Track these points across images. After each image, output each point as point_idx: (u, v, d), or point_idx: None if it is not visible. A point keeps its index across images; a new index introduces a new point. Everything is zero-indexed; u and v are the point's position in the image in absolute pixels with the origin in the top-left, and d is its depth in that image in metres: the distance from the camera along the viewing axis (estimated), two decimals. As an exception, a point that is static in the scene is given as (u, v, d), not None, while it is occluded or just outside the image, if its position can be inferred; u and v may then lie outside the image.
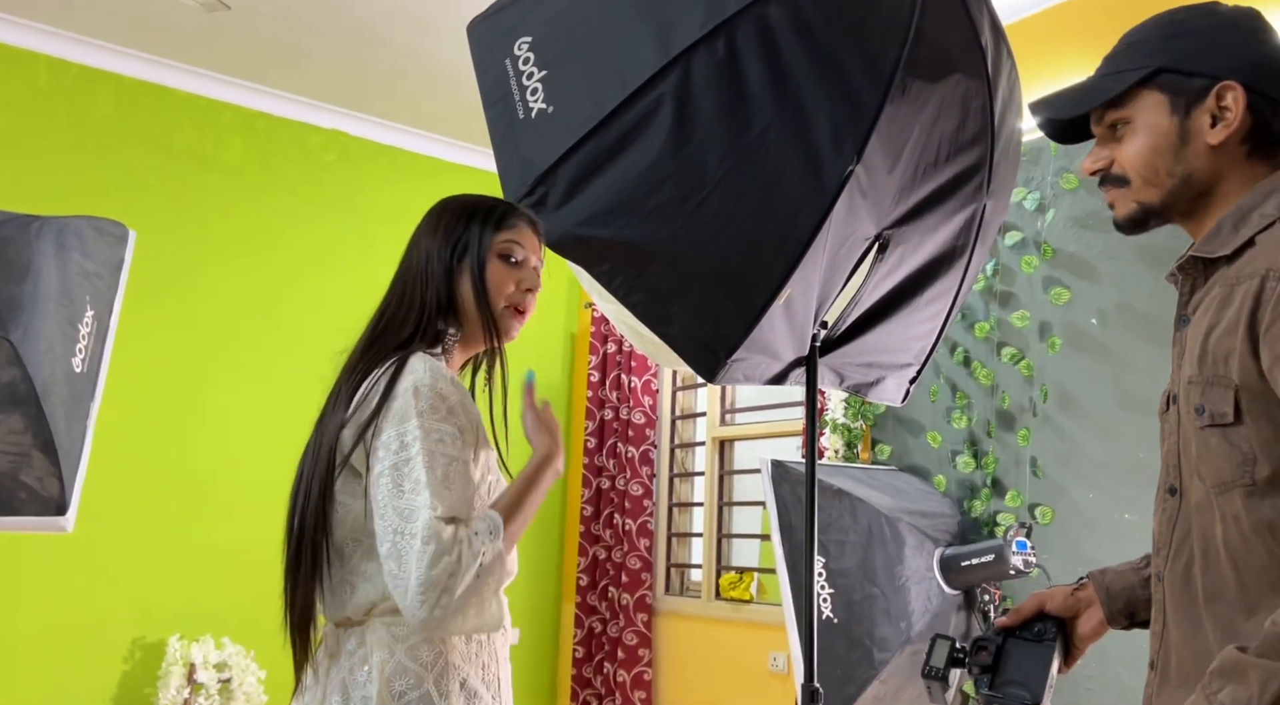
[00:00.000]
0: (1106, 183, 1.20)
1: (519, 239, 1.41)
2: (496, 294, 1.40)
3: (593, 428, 4.17)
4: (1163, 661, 1.14)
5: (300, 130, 3.92)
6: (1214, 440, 1.06)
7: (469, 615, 1.23)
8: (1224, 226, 1.13)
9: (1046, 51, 2.79)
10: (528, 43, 1.38)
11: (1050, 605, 1.29)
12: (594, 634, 4.05)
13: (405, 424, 1.26)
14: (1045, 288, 2.69)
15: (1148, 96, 1.16)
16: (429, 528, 1.20)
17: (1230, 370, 1.05)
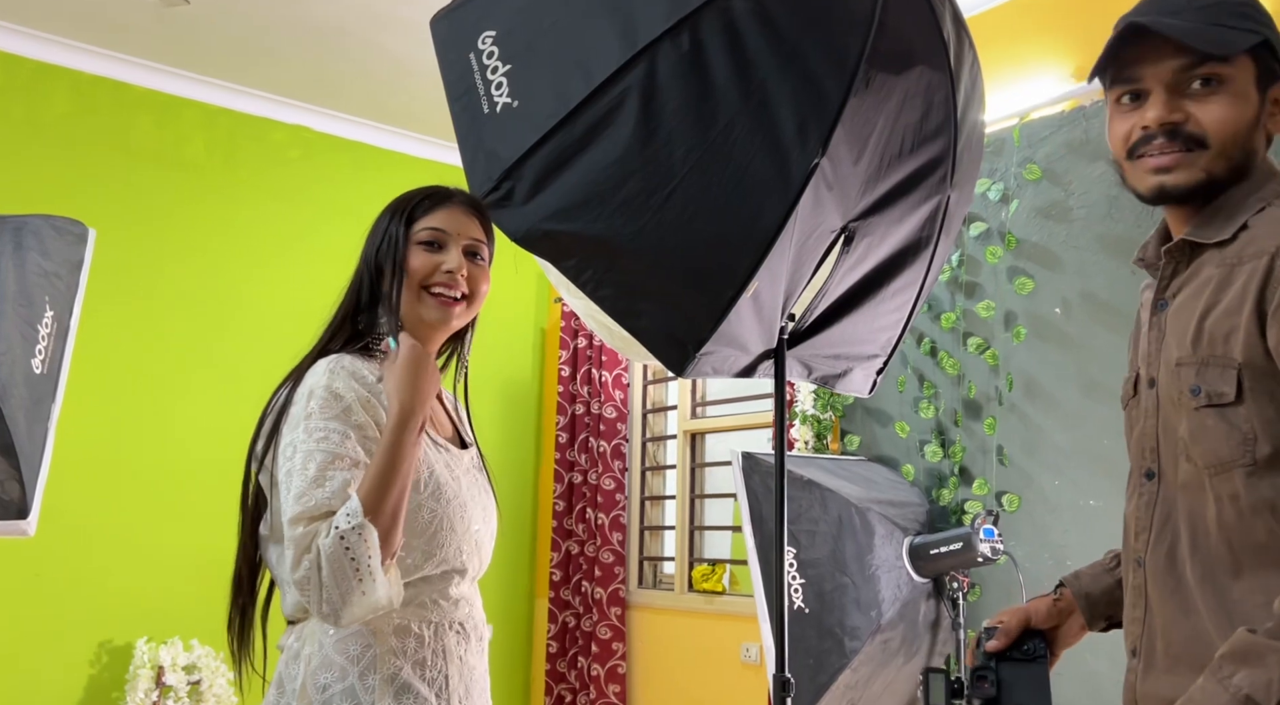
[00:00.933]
0: (1173, 138, 1.10)
1: (440, 224, 1.41)
2: (411, 280, 1.39)
3: (564, 423, 4.17)
4: (1146, 647, 1.13)
5: (263, 126, 3.88)
6: (1211, 421, 1.05)
7: (359, 600, 1.19)
8: (1221, 211, 1.12)
9: (1008, 44, 2.82)
10: (492, 37, 1.37)
11: (1036, 619, 1.28)
12: (568, 629, 4.05)
13: (295, 430, 1.27)
14: (1010, 278, 2.72)
15: (1245, 63, 1.10)
16: (289, 532, 1.20)
17: (1232, 349, 1.04)
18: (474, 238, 1.44)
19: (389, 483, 1.24)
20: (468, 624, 1.39)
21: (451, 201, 1.45)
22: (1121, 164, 1.18)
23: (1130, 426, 1.22)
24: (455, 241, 1.42)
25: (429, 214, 1.43)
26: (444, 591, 1.35)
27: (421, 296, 1.41)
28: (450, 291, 1.41)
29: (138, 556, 3.43)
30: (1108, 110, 1.20)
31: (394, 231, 1.42)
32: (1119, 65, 1.14)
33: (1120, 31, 1.12)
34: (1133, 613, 1.16)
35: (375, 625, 1.28)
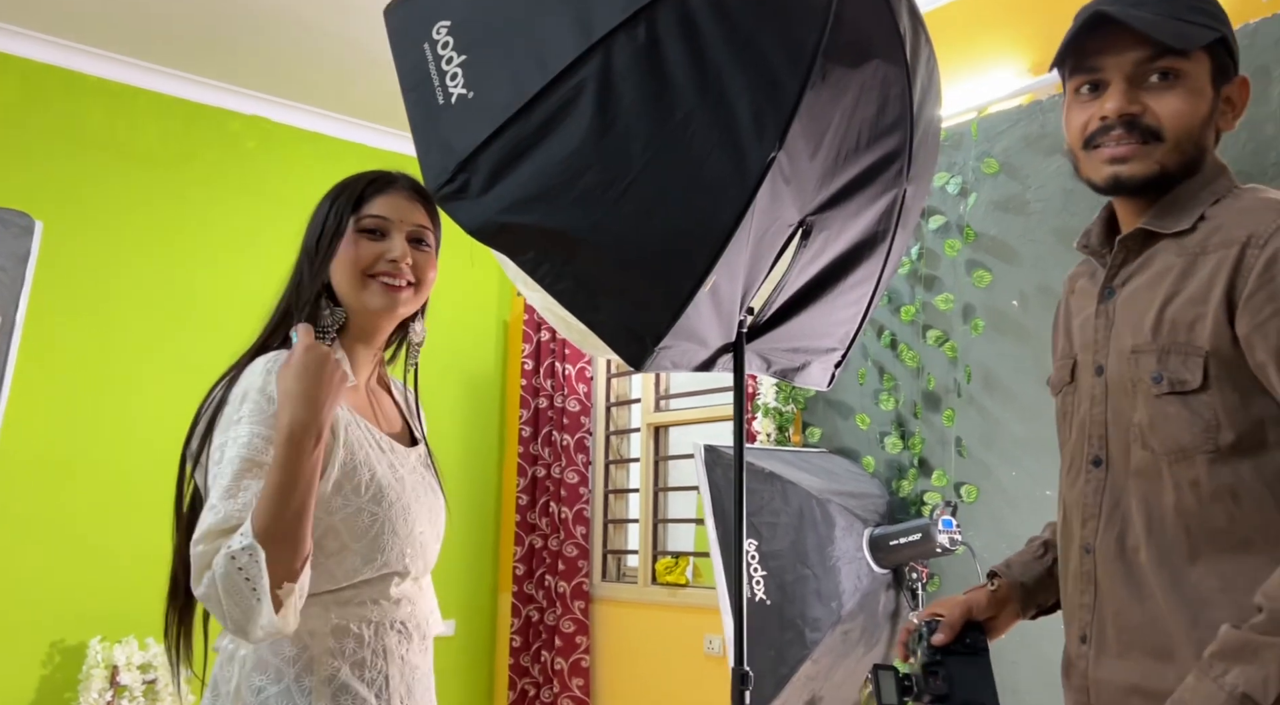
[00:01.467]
0: (1131, 130, 1.11)
1: (382, 211, 1.38)
2: (352, 267, 1.36)
3: (527, 416, 4.15)
4: (1097, 633, 1.14)
5: (219, 116, 3.81)
6: (1172, 408, 1.06)
7: (256, 620, 1.13)
8: (1177, 203, 1.13)
9: (966, 39, 2.84)
10: (446, 27, 1.35)
11: (976, 611, 1.28)
12: (531, 622, 4.04)
13: (225, 434, 1.23)
14: (968, 270, 2.75)
15: (1202, 59, 1.12)
16: (194, 543, 1.16)
17: (1196, 337, 1.05)
18: (418, 224, 1.41)
19: (281, 503, 1.15)
20: (410, 623, 1.35)
21: (394, 187, 1.41)
22: (1077, 154, 1.19)
23: (1066, 413, 1.23)
24: (398, 229, 1.39)
25: (371, 200, 1.39)
26: (384, 591, 1.32)
27: (365, 283, 1.37)
28: (395, 279, 1.38)
29: (90, 555, 3.37)
30: (1065, 100, 1.20)
31: (335, 218, 1.38)
32: (1080, 55, 1.15)
33: (1085, 20, 1.12)
34: (1080, 599, 1.17)
35: (312, 626, 1.25)
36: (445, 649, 4.08)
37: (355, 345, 1.41)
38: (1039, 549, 1.35)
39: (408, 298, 1.40)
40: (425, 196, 1.43)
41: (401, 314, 1.42)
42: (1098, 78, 1.15)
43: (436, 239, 1.46)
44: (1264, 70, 2.20)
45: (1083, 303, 1.25)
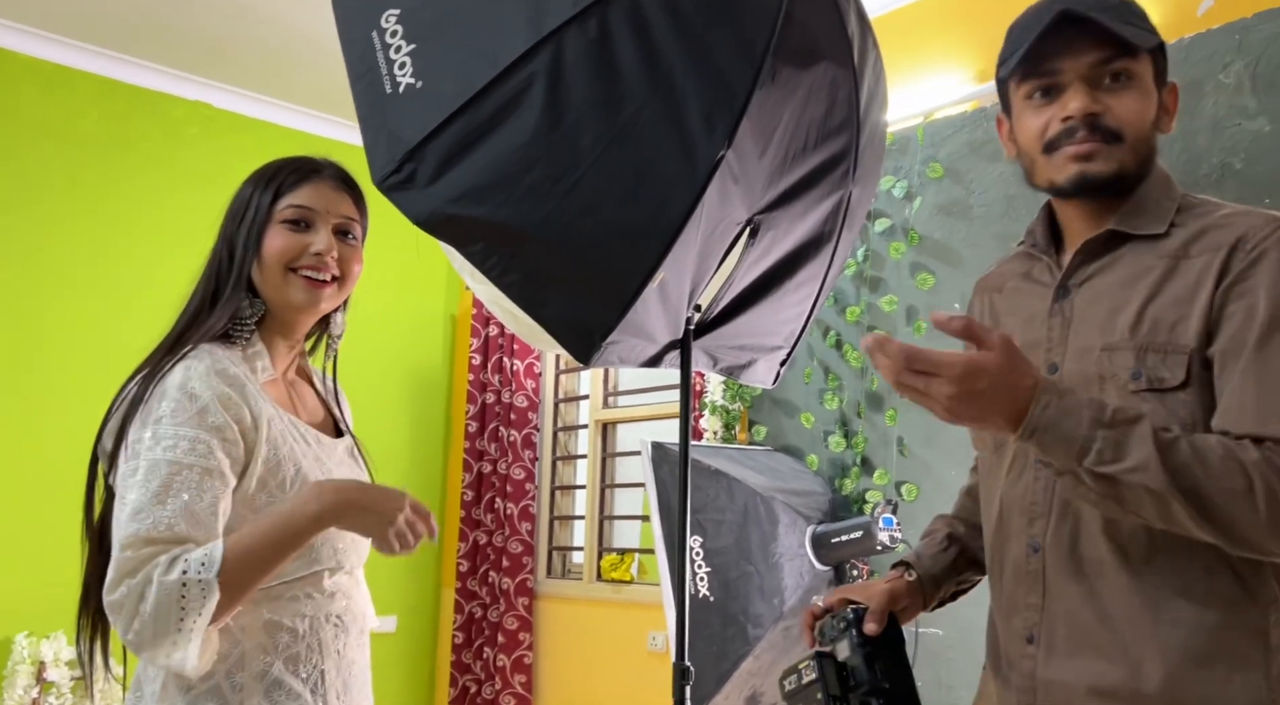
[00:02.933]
0: (1094, 131, 1.12)
1: (307, 201, 1.33)
2: (274, 261, 1.32)
3: (474, 411, 4.12)
4: (1046, 634, 1.14)
5: (161, 101, 3.72)
6: (1149, 405, 1.07)
7: (164, 650, 1.10)
8: (1145, 206, 1.15)
9: (913, 45, 2.89)
10: (395, 15, 1.34)
11: (897, 600, 1.27)
12: (474, 619, 4.02)
13: (143, 431, 1.19)
14: (912, 273, 2.79)
15: (1147, 61, 1.14)
16: (117, 549, 1.12)
17: (1180, 337, 1.07)
18: (345, 215, 1.37)
19: (266, 565, 1.16)
20: (346, 616, 1.32)
21: (320, 176, 1.37)
22: (1034, 158, 1.18)
23: None
24: (324, 220, 1.34)
25: (295, 189, 1.34)
26: (317, 585, 1.29)
27: (288, 277, 1.33)
28: (319, 274, 1.33)
29: (16, 549, 3.27)
30: (1015, 106, 1.20)
31: (256, 206, 1.33)
32: (1035, 58, 1.14)
33: (1051, 20, 1.11)
34: (1026, 599, 1.16)
35: (243, 621, 1.22)
36: (386, 645, 4.03)
37: (274, 337, 1.37)
38: (943, 542, 1.35)
39: (331, 294, 1.36)
40: (352, 186, 1.39)
41: (324, 310, 1.38)
42: (1053, 81, 1.14)
43: (363, 230, 1.42)
44: (1197, 84, 2.27)
45: (1020, 302, 1.26)
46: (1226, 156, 2.22)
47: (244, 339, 1.32)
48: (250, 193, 1.36)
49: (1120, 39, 1.10)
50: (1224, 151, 2.22)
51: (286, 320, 1.36)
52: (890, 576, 1.31)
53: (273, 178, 1.36)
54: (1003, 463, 1.23)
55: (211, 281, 1.35)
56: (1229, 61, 2.25)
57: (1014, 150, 1.23)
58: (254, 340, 1.34)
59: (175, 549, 1.13)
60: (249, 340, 1.33)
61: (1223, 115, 2.24)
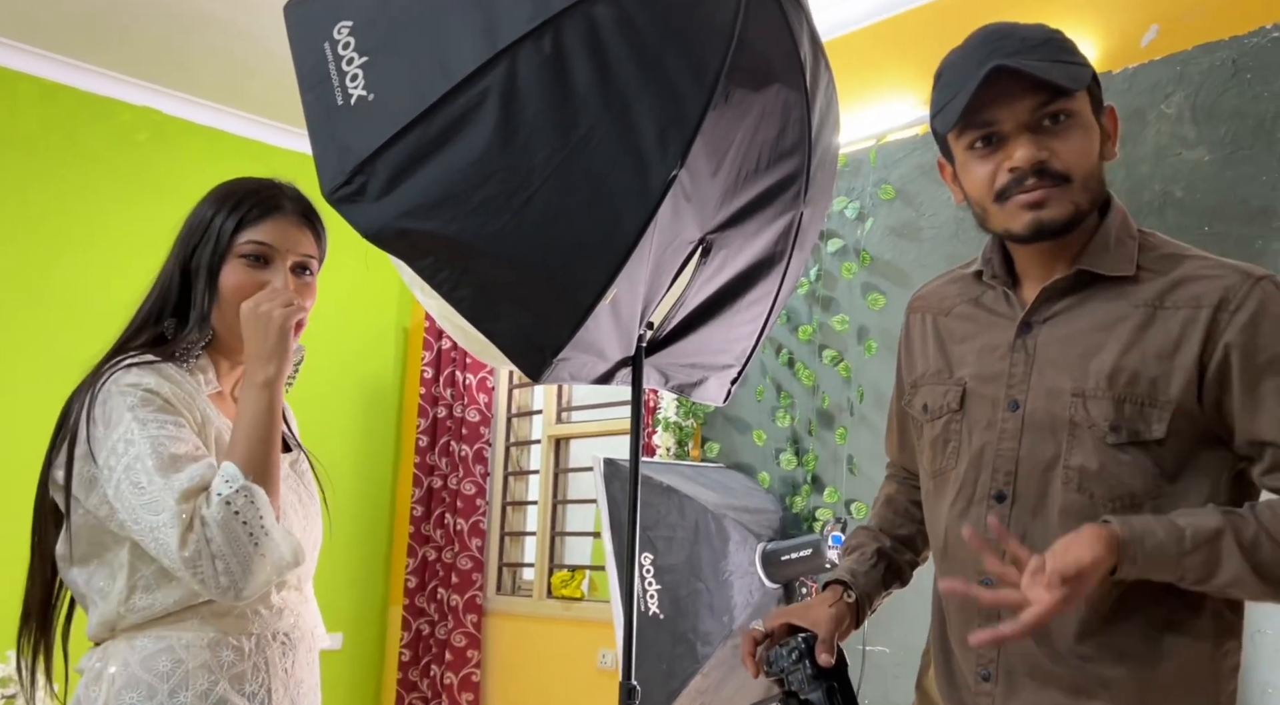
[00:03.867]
0: (1042, 176, 1.10)
1: (268, 238, 1.32)
2: (230, 296, 1.30)
3: (425, 426, 4.08)
4: (1005, 671, 1.13)
5: (108, 106, 3.65)
6: (1128, 456, 1.08)
7: (260, 564, 1.16)
8: (1107, 245, 1.14)
9: (867, 68, 2.93)
10: (348, 27, 1.33)
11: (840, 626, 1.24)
12: (422, 636, 3.97)
13: (119, 426, 1.19)
14: (864, 293, 2.83)
15: (1083, 94, 1.13)
16: (171, 513, 1.14)
17: (1163, 392, 1.08)
18: (304, 253, 1.36)
19: (265, 439, 1.21)
20: (294, 633, 1.31)
21: (282, 211, 1.35)
22: (986, 207, 1.16)
23: (948, 440, 1.21)
24: (283, 258, 1.33)
25: (257, 224, 1.32)
26: (265, 601, 1.28)
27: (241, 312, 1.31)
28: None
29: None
30: (957, 156, 1.18)
31: (216, 234, 1.32)
32: (972, 112, 1.12)
33: (985, 75, 1.09)
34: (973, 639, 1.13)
35: (187, 639, 1.21)
36: (332, 662, 3.96)
37: (220, 359, 1.36)
38: (873, 557, 1.33)
39: None
40: (313, 219, 1.38)
41: None
42: (994, 131, 1.13)
43: (320, 262, 1.41)
44: (1139, 113, 2.33)
45: (970, 328, 1.24)
46: (1168, 185, 2.28)
47: (189, 359, 1.31)
48: (210, 216, 1.34)
49: (1054, 84, 1.10)
50: (1165, 180, 2.29)
51: (234, 347, 1.34)
52: (829, 598, 1.27)
53: (235, 207, 1.33)
54: (944, 492, 1.22)
55: (159, 300, 1.34)
56: (1170, 92, 2.32)
57: (961, 195, 1.21)
58: (202, 360, 1.33)
59: (213, 486, 1.17)
60: (196, 359, 1.32)
61: (1164, 144, 2.30)
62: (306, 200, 1.39)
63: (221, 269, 1.31)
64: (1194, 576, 1.03)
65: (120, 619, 1.23)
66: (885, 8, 2.93)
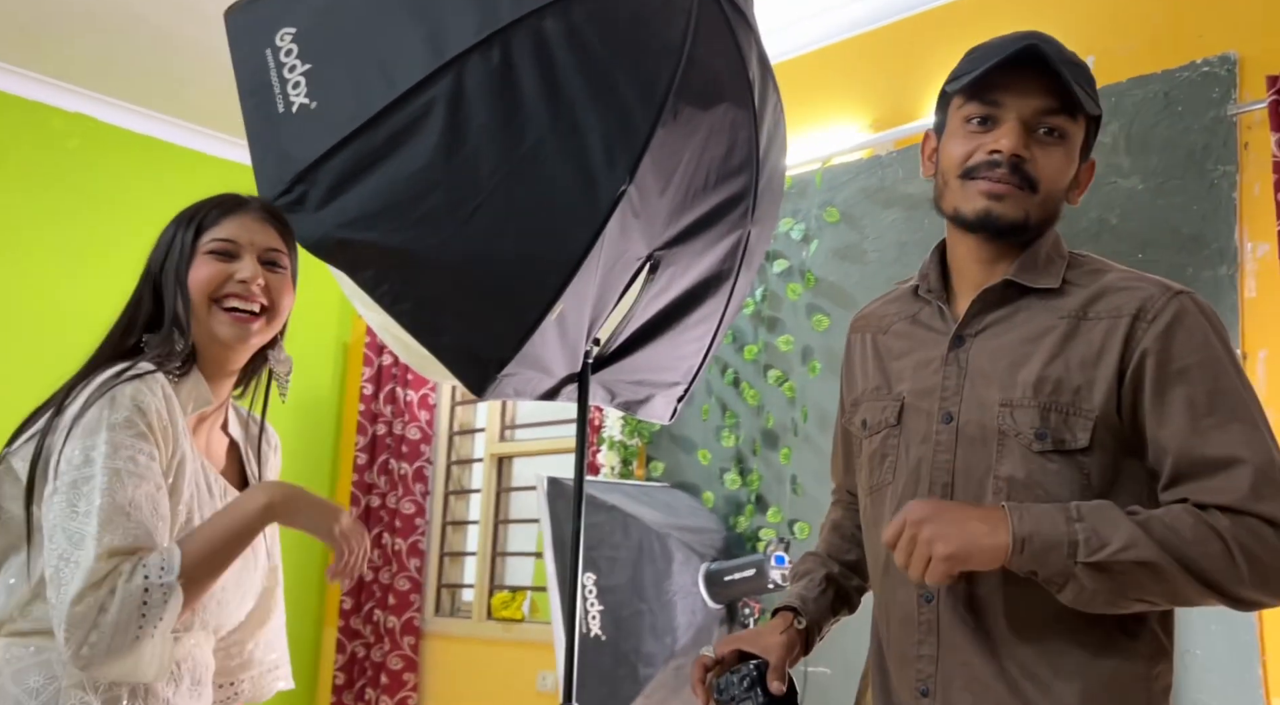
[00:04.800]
0: (1014, 172, 1.12)
1: (230, 234, 1.29)
2: (199, 292, 1.27)
3: (364, 443, 4.00)
4: (943, 686, 1.13)
5: (37, 111, 3.54)
6: (1054, 464, 1.09)
7: (121, 659, 1.10)
8: (1037, 260, 1.17)
9: (813, 91, 2.97)
10: (291, 34, 1.30)
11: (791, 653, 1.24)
12: (356, 659, 3.87)
13: (94, 437, 1.14)
14: (808, 314, 2.85)
15: (1082, 128, 1.16)
16: (89, 559, 1.09)
17: (1086, 401, 1.09)
18: (270, 246, 1.31)
19: (222, 560, 1.18)
20: (185, 664, 1.26)
21: (245, 209, 1.32)
22: (949, 182, 1.18)
23: (885, 455, 1.22)
24: (249, 251, 1.29)
25: (218, 223, 1.29)
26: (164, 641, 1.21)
27: (212, 311, 1.27)
28: (246, 304, 1.28)
29: None
30: (950, 126, 1.19)
31: (180, 243, 1.29)
32: (987, 86, 1.13)
33: (1017, 50, 1.10)
34: (918, 650, 1.15)
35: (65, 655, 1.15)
36: (263, 688, 3.85)
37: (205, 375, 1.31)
38: (821, 583, 1.33)
39: (259, 328, 1.30)
40: (279, 219, 1.35)
41: (254, 345, 1.33)
42: (993, 112, 1.14)
43: (292, 263, 1.37)
44: (1076, 142, 2.39)
45: (909, 346, 1.26)
46: (1103, 212, 2.34)
47: (174, 373, 1.26)
48: (174, 233, 1.31)
49: (1070, 94, 1.12)
50: (1101, 207, 2.34)
51: (215, 358, 1.30)
52: (779, 625, 1.27)
53: (195, 215, 1.31)
54: (883, 508, 1.22)
55: (130, 314, 1.30)
56: (1105, 122, 2.36)
57: (931, 170, 1.23)
58: (191, 372, 1.28)
59: (135, 558, 1.12)
60: (183, 372, 1.27)
61: (1100, 173, 2.33)
62: (270, 203, 1.36)
63: (189, 272, 1.28)
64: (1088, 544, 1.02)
65: (10, 621, 1.18)
66: (833, 33, 2.97)
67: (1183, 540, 1.02)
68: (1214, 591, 1.03)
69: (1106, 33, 2.46)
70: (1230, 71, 2.24)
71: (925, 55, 2.75)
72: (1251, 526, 1.02)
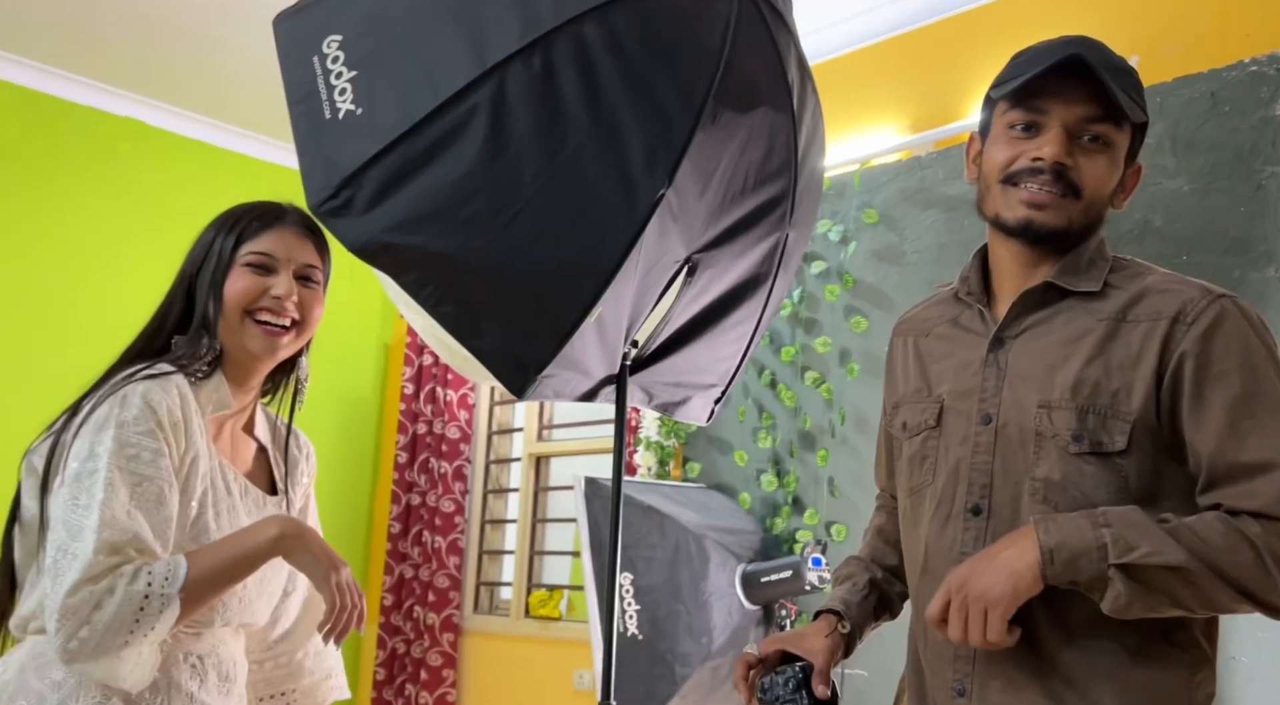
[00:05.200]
0: (1057, 179, 1.13)
1: (269, 248, 1.34)
2: (234, 304, 1.31)
3: (404, 442, 4.06)
4: (979, 686, 1.14)
5: (90, 116, 3.63)
6: (1090, 466, 1.09)
7: (107, 659, 1.10)
8: (1080, 263, 1.17)
9: (852, 92, 2.96)
10: (338, 41, 1.33)
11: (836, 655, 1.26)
12: (397, 655, 3.92)
13: (101, 433, 1.17)
14: (846, 316, 2.84)
15: (1127, 134, 1.17)
16: (87, 551, 1.10)
17: (1123, 403, 1.09)
18: (306, 263, 1.37)
19: (226, 582, 1.20)
20: (209, 659, 1.27)
21: (283, 222, 1.37)
22: (990, 186, 1.19)
23: (925, 457, 1.23)
24: (285, 266, 1.35)
25: (258, 236, 1.34)
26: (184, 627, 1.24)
27: (245, 323, 1.32)
28: (278, 319, 1.33)
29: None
30: (994, 130, 1.20)
31: (219, 251, 1.33)
32: (1031, 92, 1.14)
33: (1061, 59, 1.11)
34: (957, 651, 1.15)
35: None
36: (305, 682, 3.91)
37: (231, 380, 1.35)
38: (865, 588, 1.34)
39: (289, 341, 1.36)
40: (316, 232, 1.39)
41: (281, 357, 1.38)
42: (1037, 119, 1.14)
43: (325, 276, 1.42)
44: (1119, 143, 2.36)
45: (948, 347, 1.26)
46: (1147, 214, 2.31)
47: (197, 375, 1.30)
48: (212, 238, 1.35)
49: (1114, 102, 1.12)
50: (1145, 209, 2.31)
51: (242, 365, 1.34)
52: (824, 627, 1.28)
53: (236, 223, 1.35)
54: (922, 509, 1.23)
55: (161, 318, 1.34)
56: (1151, 123, 2.35)
57: (975, 173, 1.24)
58: (214, 375, 1.32)
59: (139, 560, 1.13)
60: (206, 374, 1.30)
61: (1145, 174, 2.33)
62: (308, 215, 1.39)
63: (225, 281, 1.32)
64: (1116, 546, 1.02)
65: (34, 617, 1.20)
66: (872, 34, 2.96)
67: (1213, 548, 1.01)
68: (1248, 599, 1.02)
69: (1153, 32, 2.42)
70: (1279, 71, 2.20)
71: (964, 56, 2.73)
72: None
